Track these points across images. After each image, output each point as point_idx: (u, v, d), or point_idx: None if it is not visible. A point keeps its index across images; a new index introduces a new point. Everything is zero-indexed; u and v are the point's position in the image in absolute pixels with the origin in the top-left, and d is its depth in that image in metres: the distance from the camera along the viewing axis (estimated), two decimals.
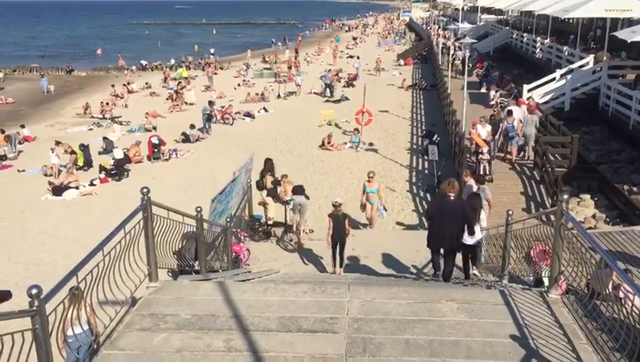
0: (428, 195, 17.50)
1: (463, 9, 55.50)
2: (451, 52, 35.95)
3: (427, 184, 18.32)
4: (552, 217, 8.50)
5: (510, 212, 9.05)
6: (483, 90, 26.95)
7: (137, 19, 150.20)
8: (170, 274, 9.19)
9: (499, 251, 9.95)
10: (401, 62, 50.50)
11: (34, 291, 4.09)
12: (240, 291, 6.62)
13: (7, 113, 34.25)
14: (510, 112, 17.36)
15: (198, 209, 8.49)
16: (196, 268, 9.16)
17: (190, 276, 8.07)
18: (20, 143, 25.48)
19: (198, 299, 6.39)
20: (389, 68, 46.92)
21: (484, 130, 16.63)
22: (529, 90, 23.07)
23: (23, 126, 27.56)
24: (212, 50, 59.04)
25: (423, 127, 26.35)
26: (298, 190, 13.25)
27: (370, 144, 23.74)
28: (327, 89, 35.42)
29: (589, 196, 16.00)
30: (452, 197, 8.61)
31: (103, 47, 69.16)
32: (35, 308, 4.10)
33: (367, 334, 5.43)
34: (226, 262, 10.76)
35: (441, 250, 9.06)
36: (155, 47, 70.89)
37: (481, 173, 14.89)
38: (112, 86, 37.37)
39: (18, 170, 21.85)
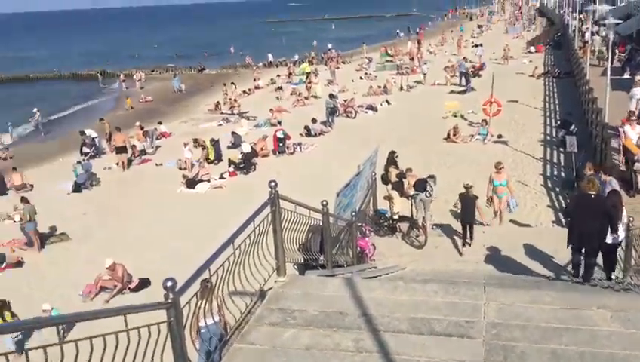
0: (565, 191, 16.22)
1: None
2: (587, 36, 33.26)
3: (565, 178, 16.99)
4: None
5: None
6: (626, 76, 24.56)
7: (260, 19, 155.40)
8: (295, 267, 9.20)
9: None
10: (532, 49, 47.68)
11: (169, 284, 4.12)
12: (368, 288, 6.39)
13: (146, 111, 36.84)
14: None
15: (324, 203, 8.36)
16: (321, 261, 9.09)
17: (317, 271, 7.99)
18: (157, 139, 27.24)
19: (326, 295, 6.25)
20: (518, 55, 44.50)
21: (634, 133, 14.46)
22: None
23: (160, 123, 29.46)
24: (330, 46, 59.56)
25: (558, 117, 24.58)
26: (419, 185, 12.82)
27: (499, 136, 22.54)
28: (463, 78, 33.95)
29: None
30: (593, 196, 8.36)
31: (232, 46, 72.26)
32: (170, 301, 4.14)
33: (508, 341, 4.96)
34: (351, 257, 10.61)
35: (583, 250, 8.54)
36: (280, 43, 72.88)
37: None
38: (230, 84, 38.53)
39: (156, 164, 23.36)
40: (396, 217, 13.27)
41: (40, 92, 49.99)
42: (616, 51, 29.68)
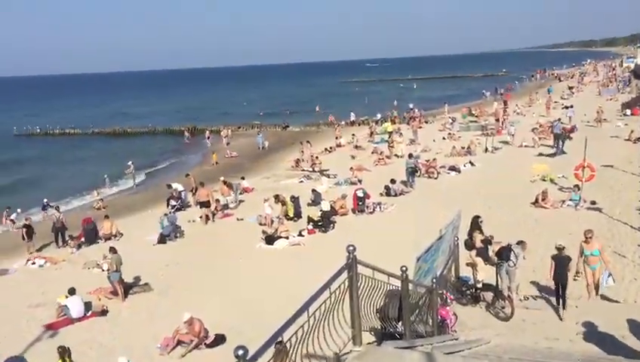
0: None
1: None
2: None
3: None
4: None
5: None
6: None
7: (343, 78, 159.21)
8: (372, 333, 8.79)
9: None
10: (627, 111, 45.57)
11: (240, 352, 3.95)
12: None
13: (231, 166, 37.99)
14: None
15: (404, 268, 7.99)
16: (399, 329, 8.63)
17: (395, 342, 7.55)
18: (240, 193, 27.84)
19: None
20: (612, 118, 42.61)
21: None
22: None
23: (243, 178, 30.15)
24: (411, 105, 59.65)
25: None
26: (503, 253, 12.13)
27: (593, 202, 21.26)
28: (558, 140, 32.03)
29: None
30: None
31: (317, 105, 74.02)
32: None
33: None
34: (431, 326, 10.05)
35: None
36: (362, 102, 73.84)
37: None
38: (305, 142, 38.73)
39: (237, 219, 23.75)
40: (480, 285, 12.58)
41: (137, 146, 52.86)
42: None
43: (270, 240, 19.88)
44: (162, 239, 21.06)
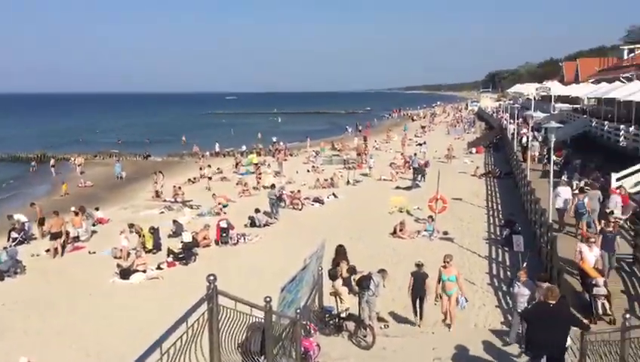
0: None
1: (534, 98, 54.65)
2: (524, 139, 34.75)
3: (512, 278, 16.80)
4: None
5: (627, 316, 7.72)
6: (564, 178, 25.45)
7: (207, 110, 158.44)
8: None
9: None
10: (472, 150, 49.63)
11: None
12: None
13: (85, 196, 35.35)
14: (582, 189, 19.49)
15: (268, 299, 7.67)
16: None
17: None
18: (93, 225, 25.96)
19: None
20: (460, 155, 46.09)
21: (592, 255, 13.09)
22: (617, 180, 21.52)
23: (97, 209, 28.20)
24: (274, 139, 60.53)
25: (500, 216, 24.96)
26: (362, 282, 12.31)
27: (445, 233, 22.55)
28: (417, 174, 34.02)
29: None
30: (552, 305, 8.42)
31: (177, 135, 72.14)
32: None
33: None
34: (295, 359, 9.78)
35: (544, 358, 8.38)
36: (228, 134, 73.38)
37: (599, 311, 12.04)
38: (158, 172, 37.34)
39: (89, 252, 22.01)
40: (344, 315, 12.58)
41: None
42: (554, 156, 30.97)
43: (125, 274, 18.57)
44: (0, 276, 18.84)
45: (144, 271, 18.86)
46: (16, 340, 14.16)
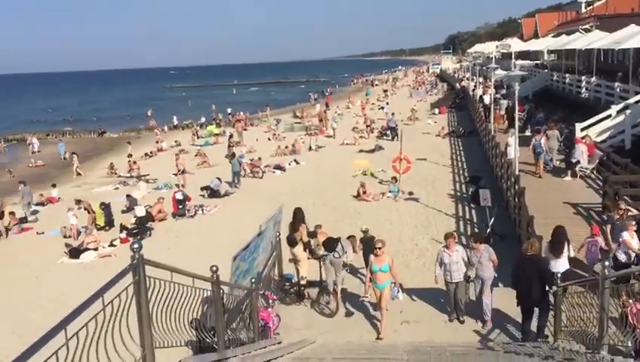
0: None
1: (495, 57, 54.35)
2: (486, 99, 34.39)
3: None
4: None
5: (607, 263, 7.10)
6: (528, 133, 25.08)
7: (167, 84, 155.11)
8: (189, 347, 7.47)
9: (586, 312, 7.95)
10: (435, 110, 49.15)
11: None
12: None
13: (37, 175, 33.78)
14: (538, 130, 20.43)
15: (214, 268, 6.74)
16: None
17: (196, 357, 6.33)
18: (43, 205, 24.60)
19: None
20: (423, 117, 45.53)
21: (635, 241, 10.42)
22: (582, 129, 21.14)
23: (54, 185, 27.19)
24: (229, 110, 59.02)
25: (466, 174, 24.50)
26: (329, 245, 11.49)
27: (410, 193, 21.95)
28: (390, 132, 35.71)
29: None
30: (529, 256, 8.96)
31: (133, 110, 69.91)
32: None
33: None
34: (253, 332, 9.00)
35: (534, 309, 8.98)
36: (186, 107, 71.42)
37: None
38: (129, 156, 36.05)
39: (37, 233, 20.74)
40: (304, 282, 11.82)
41: None
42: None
43: (75, 253, 17.46)
44: None
45: (95, 249, 17.78)
46: None
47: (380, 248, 10.05)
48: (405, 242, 16.90)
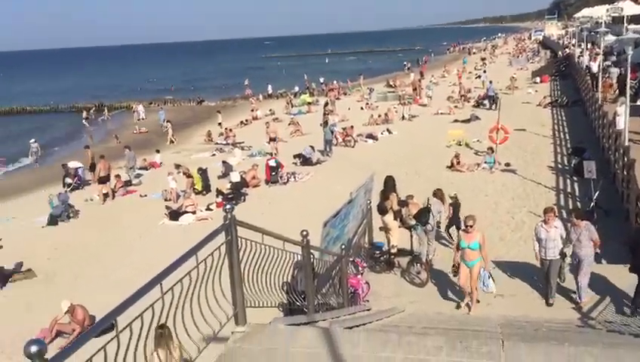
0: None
1: (605, 22, 50.63)
2: (594, 67, 32.12)
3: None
4: None
5: None
6: (639, 103, 23.21)
7: (263, 54, 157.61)
8: (280, 309, 7.65)
9: None
10: (537, 79, 46.66)
11: (33, 349, 2.77)
12: (351, 343, 4.84)
13: (140, 141, 35.62)
14: None
15: (304, 233, 6.75)
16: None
17: (289, 318, 6.41)
18: (146, 169, 25.91)
19: (295, 352, 4.70)
20: (523, 86, 43.37)
21: None
22: None
23: (158, 151, 28.82)
24: (322, 80, 58.59)
25: (568, 145, 23.14)
26: (420, 216, 11.25)
27: (507, 164, 21.06)
28: (488, 101, 34.42)
29: None
30: None
31: (229, 79, 71.71)
32: None
33: None
34: (342, 298, 9.04)
35: None
36: (281, 76, 72.35)
37: None
38: (219, 124, 37.15)
39: (140, 195, 21.91)
40: (394, 251, 11.69)
41: (37, 124, 48.77)
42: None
43: (175, 215, 18.31)
44: (53, 220, 18.94)
45: (193, 213, 18.53)
46: (67, 282, 14.13)
47: (470, 226, 9.53)
48: (501, 214, 16.28)
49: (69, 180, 23.44)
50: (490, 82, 37.40)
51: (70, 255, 16.12)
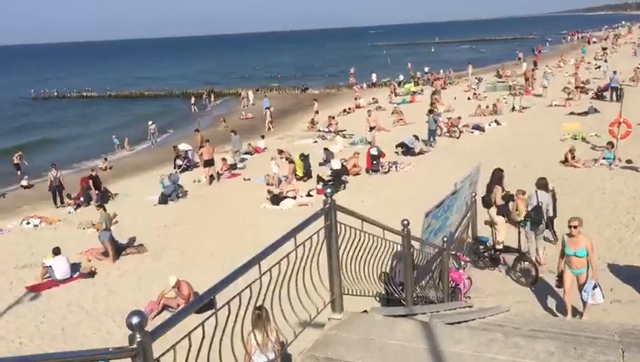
0: None
1: None
2: None
3: None
4: None
5: None
6: None
7: (368, 42, 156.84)
8: (377, 299, 7.49)
9: None
10: None
11: (134, 320, 2.70)
12: (452, 339, 4.58)
13: (246, 126, 36.69)
14: None
15: (405, 222, 6.48)
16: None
17: (387, 309, 6.21)
18: (250, 154, 26.60)
19: (392, 344, 4.51)
20: None
21: None
22: None
23: (262, 136, 29.64)
24: (426, 69, 57.02)
25: None
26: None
27: (629, 161, 19.42)
28: (610, 93, 32.28)
29: None
30: None
31: (333, 68, 72.10)
32: (134, 346, 2.69)
33: None
34: (442, 292, 8.71)
35: None
36: (385, 65, 71.63)
37: None
38: (316, 112, 37.20)
39: (244, 179, 22.53)
40: (500, 247, 11.10)
41: (153, 109, 51.63)
42: None
43: (276, 200, 18.62)
44: (163, 199, 19.95)
45: (294, 198, 18.74)
46: (173, 259, 14.79)
47: (575, 227, 8.45)
48: (620, 214, 15.00)
49: (179, 162, 24.60)
50: (614, 72, 34.70)
51: (178, 232, 16.89)
